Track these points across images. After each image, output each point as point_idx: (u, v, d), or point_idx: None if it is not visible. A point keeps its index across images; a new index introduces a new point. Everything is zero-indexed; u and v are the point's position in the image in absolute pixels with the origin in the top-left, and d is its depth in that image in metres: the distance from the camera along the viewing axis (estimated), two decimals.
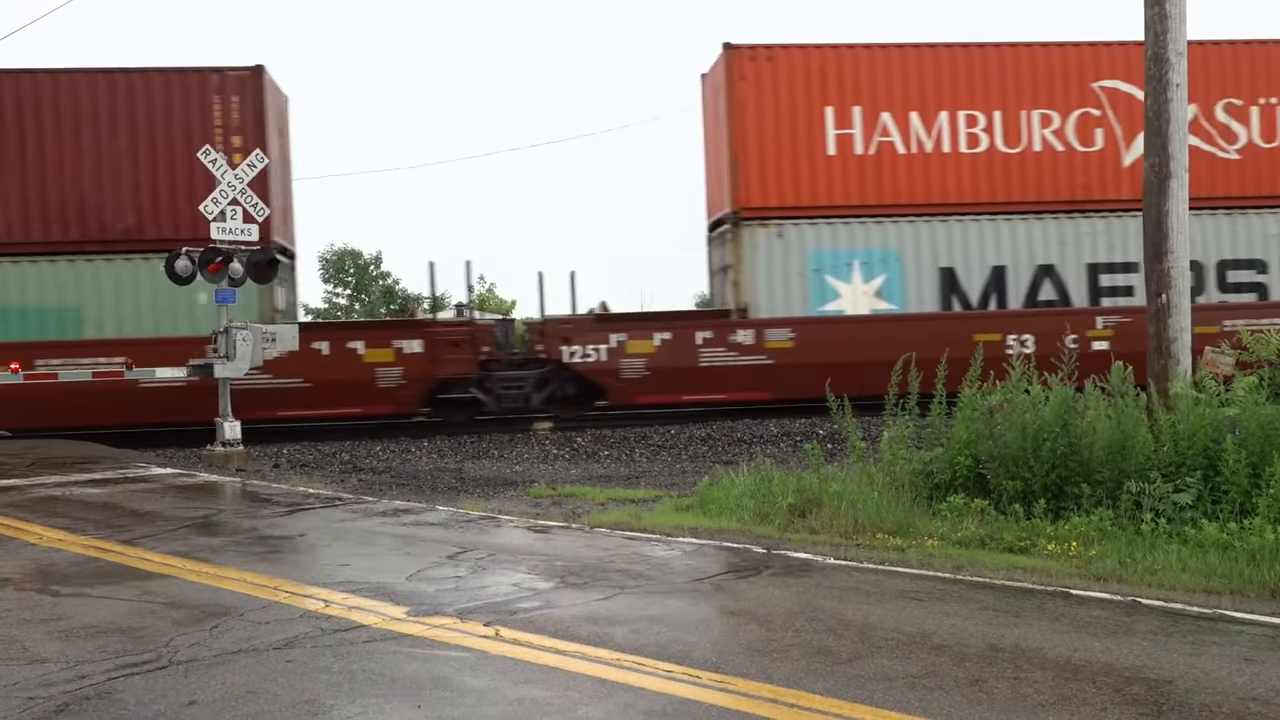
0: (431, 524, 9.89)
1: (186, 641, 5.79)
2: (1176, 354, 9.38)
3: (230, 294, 16.74)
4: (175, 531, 9.51)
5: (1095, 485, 8.59)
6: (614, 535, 9.16)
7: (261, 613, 6.42)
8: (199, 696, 4.89)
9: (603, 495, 12.01)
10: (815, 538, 8.86)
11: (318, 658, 5.47)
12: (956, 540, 8.48)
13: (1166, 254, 9.43)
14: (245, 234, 16.68)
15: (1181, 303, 9.44)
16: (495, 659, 5.43)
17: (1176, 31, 9.43)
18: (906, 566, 7.73)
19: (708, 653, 5.47)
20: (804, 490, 9.91)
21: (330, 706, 4.73)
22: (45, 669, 5.34)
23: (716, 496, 10.57)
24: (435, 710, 4.67)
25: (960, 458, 9.43)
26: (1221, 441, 8.23)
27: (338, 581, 7.29)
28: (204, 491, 12.53)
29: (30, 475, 13.90)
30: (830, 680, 5.01)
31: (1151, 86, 9.50)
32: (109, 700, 4.88)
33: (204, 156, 16.51)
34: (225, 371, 16.44)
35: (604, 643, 5.68)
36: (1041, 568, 7.60)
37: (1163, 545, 7.75)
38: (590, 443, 18.72)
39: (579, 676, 5.11)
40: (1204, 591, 6.88)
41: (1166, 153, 9.43)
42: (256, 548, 8.72)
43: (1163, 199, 9.43)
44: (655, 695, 4.82)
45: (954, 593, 6.88)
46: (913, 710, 4.59)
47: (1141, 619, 6.20)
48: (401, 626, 6.09)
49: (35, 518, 10.30)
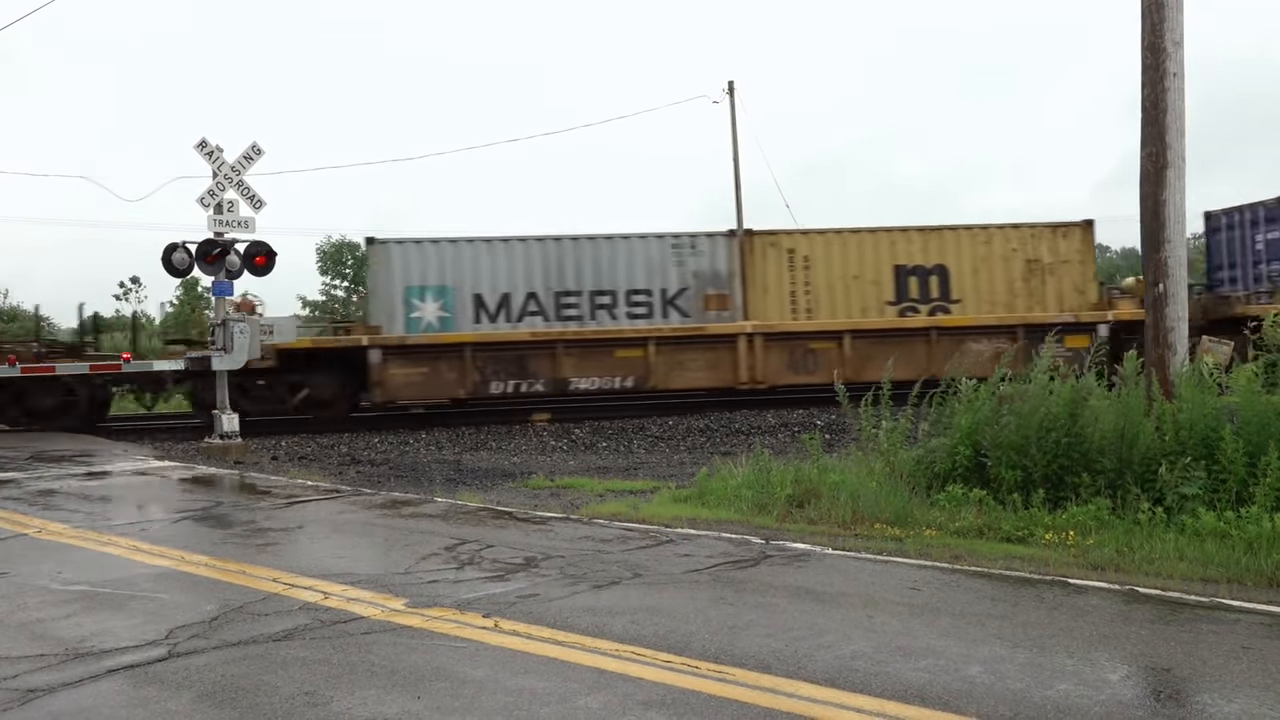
0: (430, 516, 9.90)
1: (186, 634, 5.79)
2: (1174, 343, 9.38)
3: (228, 286, 16.73)
4: (174, 524, 9.51)
5: (1095, 475, 8.61)
6: (612, 526, 9.17)
7: (261, 604, 6.43)
8: (199, 688, 4.90)
9: (601, 486, 12.02)
10: (814, 528, 8.88)
11: (317, 649, 5.48)
12: (954, 530, 8.50)
13: (1164, 243, 9.42)
14: (244, 226, 16.66)
15: (1179, 292, 9.44)
16: (494, 650, 5.44)
17: (1174, 21, 9.42)
18: (905, 557, 7.74)
19: (706, 643, 5.48)
20: (802, 481, 9.93)
21: (330, 698, 4.73)
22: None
23: (715, 487, 10.58)
24: (435, 701, 4.67)
25: (961, 447, 9.44)
26: (1220, 430, 8.24)
27: (336, 573, 7.29)
28: (203, 484, 12.53)
29: (29, 468, 13.91)
30: (830, 671, 5.02)
31: (1148, 76, 9.49)
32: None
33: (199, 149, 16.48)
34: (223, 364, 16.44)
35: (603, 633, 5.69)
36: (1039, 557, 7.61)
37: (1160, 534, 7.76)
38: (588, 434, 18.73)
39: (578, 667, 5.12)
40: (1201, 580, 6.89)
41: (1164, 142, 9.42)
42: (255, 540, 8.73)
43: (1160, 189, 9.43)
44: (654, 685, 4.82)
45: (952, 582, 6.89)
46: (911, 700, 4.60)
47: (1139, 608, 6.22)
48: (400, 618, 6.09)
49: (34, 511, 10.31)
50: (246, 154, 16.72)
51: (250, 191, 16.70)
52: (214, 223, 16.37)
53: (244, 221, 16.60)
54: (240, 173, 16.59)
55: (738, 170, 34.81)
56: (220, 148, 16.53)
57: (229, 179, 16.50)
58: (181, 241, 16.31)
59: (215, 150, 16.49)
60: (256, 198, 16.75)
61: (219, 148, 16.53)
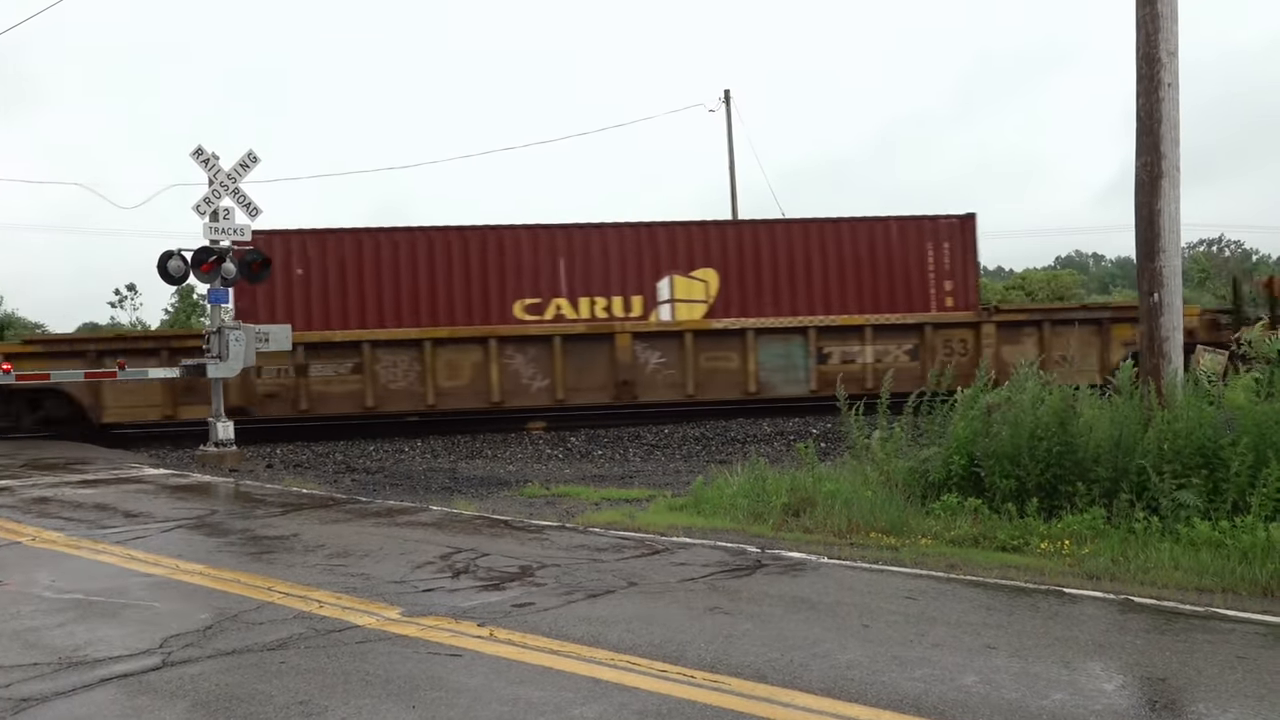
0: (425, 524, 9.88)
1: (180, 643, 5.78)
2: (1169, 353, 9.39)
3: (224, 294, 16.71)
4: (168, 532, 9.49)
5: (1090, 484, 8.61)
6: (607, 535, 9.16)
7: (255, 613, 6.41)
8: (193, 697, 4.89)
9: (596, 495, 12.01)
10: (809, 537, 8.88)
11: (312, 658, 5.47)
12: (950, 539, 8.50)
13: (1159, 252, 9.44)
14: (239, 233, 16.64)
15: (1174, 301, 9.46)
16: (489, 659, 5.43)
17: (1168, 31, 9.45)
18: (901, 565, 7.74)
19: (702, 653, 5.48)
20: (798, 489, 9.93)
21: (325, 707, 4.72)
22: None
23: (710, 496, 10.58)
24: (430, 711, 4.66)
25: (956, 456, 9.45)
26: (1218, 440, 8.24)
27: (331, 582, 7.27)
28: (197, 492, 12.51)
29: (24, 476, 13.87)
30: (826, 681, 5.02)
31: (1143, 86, 9.52)
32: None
33: (195, 156, 16.47)
34: (219, 371, 16.41)
35: (598, 643, 5.68)
36: (1035, 566, 7.62)
37: (1155, 543, 7.77)
38: (584, 442, 18.72)
39: (573, 676, 5.11)
40: (1196, 590, 6.90)
41: (1158, 152, 9.45)
42: (250, 548, 8.71)
43: (1154, 198, 9.45)
44: (649, 695, 4.82)
45: (948, 591, 6.89)
46: (906, 709, 4.60)
47: (1135, 617, 6.22)
48: (396, 627, 6.08)
49: (28, 519, 10.28)
50: (242, 161, 16.71)
51: (246, 199, 16.69)
52: (210, 230, 16.35)
53: (240, 229, 16.59)
54: (236, 180, 16.58)
55: (733, 177, 34.98)
56: (216, 155, 16.52)
57: (225, 186, 16.49)
58: (177, 249, 16.31)
59: (211, 157, 16.47)
60: (252, 205, 16.74)
61: (215, 155, 16.52)
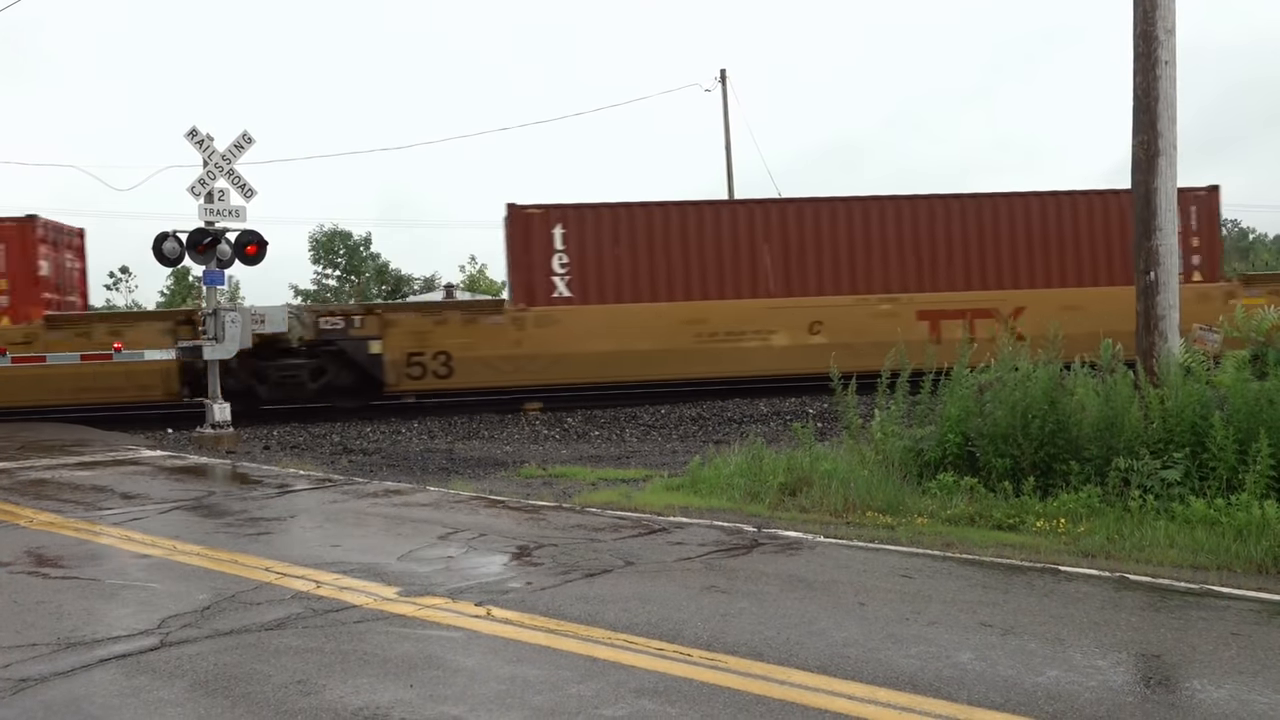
0: (422, 505, 9.90)
1: (178, 623, 5.79)
2: (1165, 331, 9.40)
3: (219, 275, 16.67)
4: (166, 514, 9.50)
5: (1084, 462, 8.64)
6: (605, 515, 9.18)
7: (253, 594, 6.42)
8: (192, 677, 4.90)
9: (593, 475, 12.03)
10: (806, 516, 8.90)
11: (309, 638, 5.48)
12: (946, 518, 8.52)
13: (1155, 231, 9.44)
14: (234, 215, 16.59)
15: (1170, 280, 9.45)
16: (487, 638, 5.45)
17: (1166, 9, 9.41)
18: (897, 544, 7.77)
19: (699, 631, 5.50)
20: (794, 469, 9.94)
21: (322, 686, 4.73)
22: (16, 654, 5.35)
23: (707, 476, 10.59)
24: (427, 690, 4.68)
25: (950, 435, 9.47)
26: (1209, 418, 8.26)
27: (329, 562, 7.29)
28: (194, 473, 12.52)
29: (20, 458, 13.87)
30: (822, 658, 5.04)
31: (1140, 64, 9.49)
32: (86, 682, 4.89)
33: (190, 138, 16.40)
34: (214, 353, 16.39)
35: (595, 621, 5.70)
36: (1030, 545, 7.64)
37: (1150, 522, 7.79)
38: (581, 423, 18.74)
39: (570, 655, 5.13)
40: (1191, 567, 6.93)
41: (1155, 130, 9.43)
42: (247, 529, 8.72)
43: (1151, 176, 9.44)
44: (646, 673, 4.84)
45: (944, 570, 6.92)
46: (902, 686, 4.62)
47: (1129, 595, 6.25)
48: (393, 607, 6.10)
49: (25, 501, 10.29)
50: (237, 142, 16.63)
51: (241, 180, 16.62)
52: (205, 211, 16.28)
53: (235, 210, 16.52)
54: (231, 161, 16.50)
55: (729, 159, 34.90)
56: (211, 136, 16.44)
57: (219, 168, 16.42)
58: (172, 230, 16.23)
59: (206, 139, 16.39)
60: (247, 186, 16.68)
61: (209, 136, 16.43)
